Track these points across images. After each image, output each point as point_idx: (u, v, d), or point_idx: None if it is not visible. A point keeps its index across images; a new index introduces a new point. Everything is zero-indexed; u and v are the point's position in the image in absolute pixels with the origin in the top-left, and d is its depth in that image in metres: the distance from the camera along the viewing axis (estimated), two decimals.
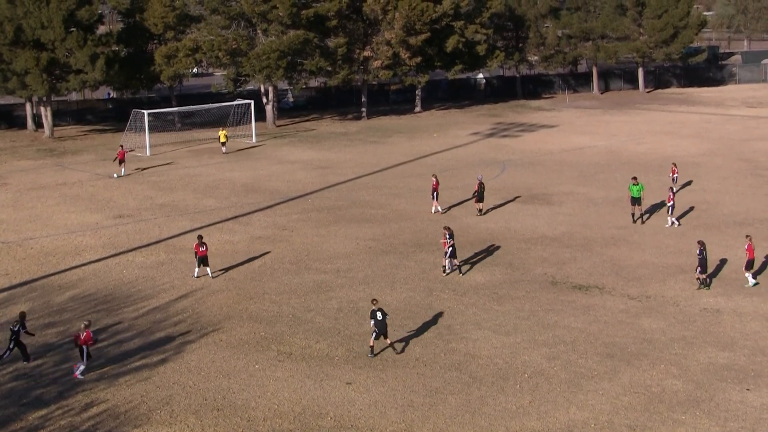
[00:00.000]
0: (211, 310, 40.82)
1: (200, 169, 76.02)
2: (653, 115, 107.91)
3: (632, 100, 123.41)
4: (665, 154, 77.75)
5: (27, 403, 31.58)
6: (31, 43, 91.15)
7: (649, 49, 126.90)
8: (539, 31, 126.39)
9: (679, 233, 52.31)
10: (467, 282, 44.28)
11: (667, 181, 62.74)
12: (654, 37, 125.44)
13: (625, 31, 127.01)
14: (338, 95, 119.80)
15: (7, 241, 53.16)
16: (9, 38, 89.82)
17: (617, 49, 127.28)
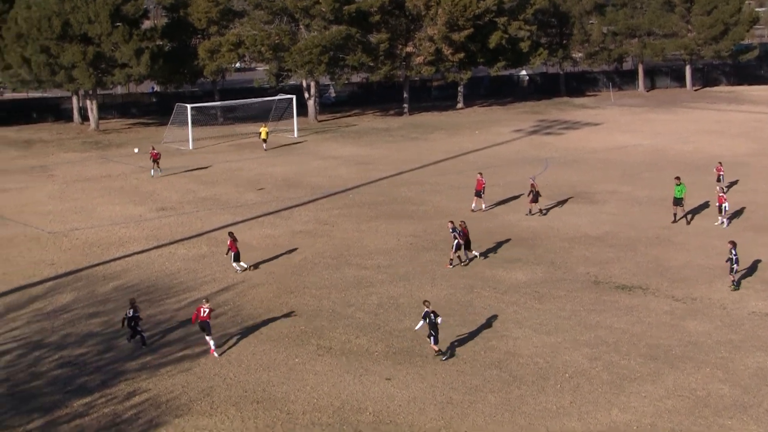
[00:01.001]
0: (251, 303, 41.02)
1: (242, 163, 76.36)
2: (700, 113, 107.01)
3: (679, 98, 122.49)
4: (712, 154, 76.91)
5: (71, 391, 31.88)
6: (78, 37, 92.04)
7: (698, 47, 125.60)
8: (584, 27, 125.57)
9: (725, 234, 51.52)
10: (508, 280, 44.19)
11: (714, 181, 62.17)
12: (703, 33, 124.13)
13: (673, 27, 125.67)
14: (380, 91, 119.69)
15: (54, 231, 53.65)
16: (57, 33, 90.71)
17: (664, 46, 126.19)
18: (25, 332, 37.61)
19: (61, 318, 39.31)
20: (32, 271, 46.13)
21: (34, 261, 47.82)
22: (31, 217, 57.11)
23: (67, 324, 38.54)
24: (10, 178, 70.72)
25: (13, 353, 35.41)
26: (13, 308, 40.57)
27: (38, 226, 54.96)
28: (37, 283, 44.24)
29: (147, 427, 29.06)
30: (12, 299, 41.86)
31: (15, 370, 33.76)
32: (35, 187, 66.87)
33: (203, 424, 29.33)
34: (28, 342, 36.54)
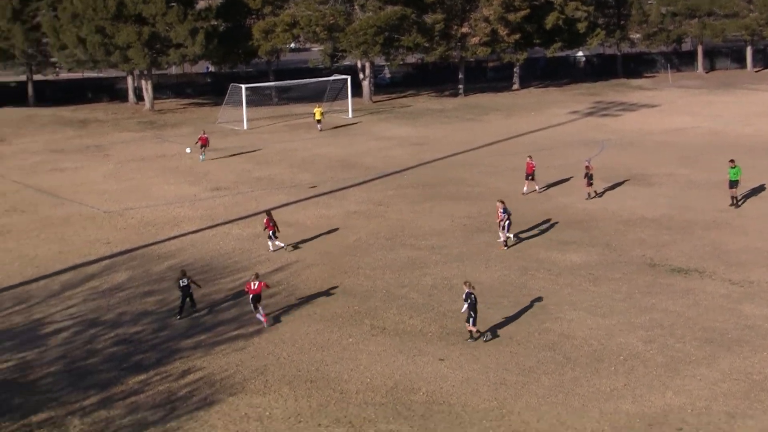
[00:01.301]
0: (305, 283, 41.05)
1: (297, 143, 76.49)
2: (761, 95, 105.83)
3: (739, 79, 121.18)
4: None
5: (127, 368, 32.10)
6: (132, 17, 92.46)
7: (760, 27, 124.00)
8: (642, 8, 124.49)
9: None
10: (563, 262, 43.93)
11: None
12: (765, 14, 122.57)
13: (734, 7, 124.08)
14: (435, 72, 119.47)
15: (109, 210, 54.02)
16: (111, 13, 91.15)
17: (725, 26, 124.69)
18: (82, 310, 37.93)
19: (117, 296, 39.60)
20: (88, 249, 46.49)
21: (90, 240, 48.18)
22: (87, 197, 57.54)
23: (123, 302, 38.81)
24: (66, 157, 71.29)
25: (70, 330, 35.72)
26: (69, 286, 40.91)
27: (94, 205, 55.37)
28: (93, 261, 44.58)
29: (201, 404, 29.17)
30: (68, 277, 42.20)
31: (72, 348, 34.05)
32: (91, 167, 67.36)
33: (257, 402, 29.41)
34: (84, 320, 36.85)
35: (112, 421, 28.14)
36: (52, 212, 53.74)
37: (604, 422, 28.12)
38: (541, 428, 27.74)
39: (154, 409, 28.90)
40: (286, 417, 28.42)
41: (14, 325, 36.31)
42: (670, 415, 28.59)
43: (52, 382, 31.07)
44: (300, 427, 27.81)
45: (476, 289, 34.88)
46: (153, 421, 28.06)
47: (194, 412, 28.61)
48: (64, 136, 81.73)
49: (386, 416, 28.50)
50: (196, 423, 27.92)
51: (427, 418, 28.33)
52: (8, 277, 42.32)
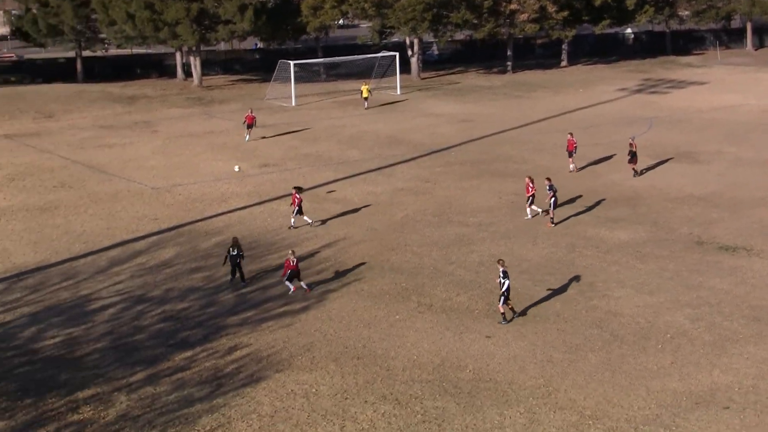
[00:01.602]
0: (353, 260, 41.07)
1: (345, 120, 76.49)
2: None
3: None
4: None
5: (174, 344, 32.27)
6: None
7: None
8: None
9: None
10: (610, 240, 43.70)
11: None
12: None
13: None
14: (483, 48, 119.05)
15: (157, 186, 54.28)
16: None
17: None
18: (129, 286, 38.16)
19: (164, 273, 39.81)
20: (135, 225, 46.76)
21: (138, 216, 48.44)
22: (135, 172, 57.85)
23: (170, 279, 39.02)
24: (116, 133, 71.67)
25: (117, 307, 35.95)
26: (116, 262, 41.16)
27: (141, 181, 55.65)
28: (140, 237, 44.84)
29: (248, 381, 29.29)
30: (115, 253, 42.46)
31: (119, 323, 34.27)
32: (139, 143, 67.69)
33: (304, 379, 29.48)
34: (131, 296, 37.08)
35: (159, 397, 28.33)
36: (100, 188, 54.07)
37: (651, 400, 28.01)
38: (587, 406, 27.66)
39: (200, 385, 29.05)
40: (333, 394, 28.49)
41: (61, 301, 36.58)
42: (716, 394, 28.44)
43: (98, 359, 31.30)
44: (346, 403, 27.87)
45: (513, 267, 34.81)
46: (199, 397, 28.20)
47: (240, 389, 28.74)
48: (112, 112, 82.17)
49: (433, 393, 28.50)
50: (243, 399, 28.04)
51: (474, 396, 28.31)
52: (56, 253, 42.63)
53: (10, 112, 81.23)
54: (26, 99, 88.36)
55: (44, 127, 74.60)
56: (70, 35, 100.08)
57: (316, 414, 27.19)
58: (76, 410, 27.49)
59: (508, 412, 27.28)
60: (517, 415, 27.15)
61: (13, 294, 37.38)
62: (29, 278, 39.23)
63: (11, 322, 34.46)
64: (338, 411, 27.38)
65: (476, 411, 27.37)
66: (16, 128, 74.25)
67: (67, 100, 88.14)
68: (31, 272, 39.98)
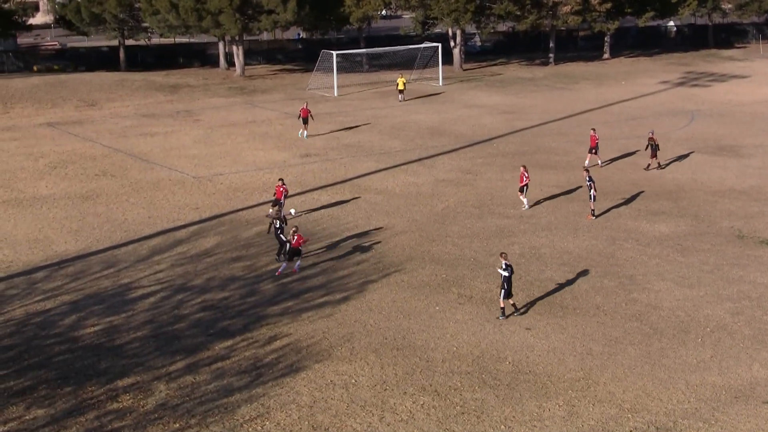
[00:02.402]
0: (393, 250, 41.04)
1: (386, 110, 76.43)
2: None
3: None
4: None
5: (214, 334, 32.35)
6: None
7: None
8: None
9: None
10: (651, 232, 43.45)
11: None
12: None
13: None
14: (526, 40, 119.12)
15: (198, 176, 54.44)
16: None
17: None
18: (170, 275, 38.29)
19: (205, 262, 39.90)
20: (177, 214, 46.92)
21: (179, 205, 48.61)
22: (177, 161, 58.05)
23: (210, 268, 39.10)
24: (158, 122, 72.00)
25: (158, 295, 36.08)
26: (157, 251, 41.31)
27: (183, 170, 55.84)
28: (182, 226, 44.98)
29: (287, 371, 29.33)
30: (157, 242, 42.62)
31: (159, 312, 34.40)
32: (181, 132, 67.94)
33: (343, 369, 29.50)
34: (172, 285, 37.19)
35: (198, 386, 28.41)
36: (142, 177, 54.31)
37: (690, 394, 27.87)
38: (626, 399, 27.54)
39: (240, 375, 29.12)
40: (372, 384, 28.49)
41: (102, 290, 36.74)
42: (756, 388, 28.27)
43: (138, 347, 31.43)
44: (385, 394, 27.87)
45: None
46: (239, 387, 28.27)
47: (280, 379, 28.78)
48: (155, 100, 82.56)
49: (472, 385, 28.46)
50: (282, 389, 28.08)
51: (513, 388, 28.24)
52: (97, 241, 42.84)
53: (53, 101, 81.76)
54: (69, 87, 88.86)
55: (87, 116, 75.05)
56: (113, 24, 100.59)
57: (355, 405, 27.20)
58: (116, 399, 27.62)
59: (547, 405, 27.20)
60: (556, 407, 27.05)
61: (54, 282, 37.58)
62: (70, 266, 39.43)
63: (52, 310, 34.65)
64: (377, 402, 27.38)
65: (515, 403, 27.30)
66: (59, 116, 74.73)
67: (109, 89, 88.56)
68: (72, 260, 40.17)
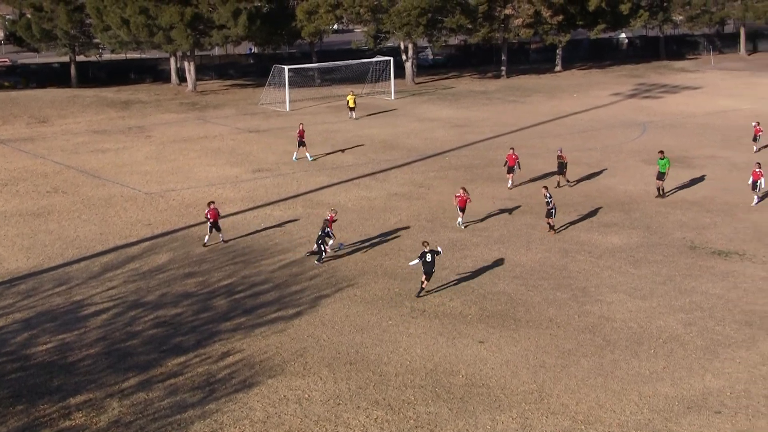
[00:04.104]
0: (346, 265, 41.06)
1: (339, 125, 76.46)
2: None
3: None
4: None
5: (167, 350, 32.22)
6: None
7: None
8: None
9: None
10: (603, 244, 43.76)
11: None
12: None
13: None
14: (478, 53, 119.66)
15: (150, 192, 54.23)
16: None
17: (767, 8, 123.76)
18: (122, 292, 38.10)
19: (157, 278, 39.74)
20: (129, 231, 46.69)
21: (131, 221, 48.39)
22: (129, 177, 57.80)
23: (163, 284, 38.96)
24: (110, 138, 71.63)
25: (110, 312, 35.88)
26: (110, 268, 41.10)
27: (135, 186, 55.62)
28: (134, 243, 44.77)
29: (241, 387, 29.27)
30: (109, 259, 42.39)
31: (112, 329, 34.20)
32: (133, 148, 67.65)
33: (296, 384, 29.47)
34: (124, 301, 37.01)
35: (151, 403, 28.28)
36: (94, 193, 54.02)
37: (643, 405, 28.06)
38: (580, 411, 27.69)
39: (193, 391, 29.02)
40: (325, 399, 28.49)
41: (54, 307, 36.50)
42: (709, 398, 28.50)
43: (91, 364, 31.24)
44: (339, 409, 27.87)
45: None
46: (192, 403, 28.18)
47: (233, 395, 28.72)
48: (106, 116, 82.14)
49: (425, 398, 28.52)
50: (235, 405, 28.03)
51: (466, 401, 28.33)
52: (49, 258, 42.56)
53: (4, 117, 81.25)
54: (20, 104, 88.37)
55: (38, 132, 74.59)
56: (64, 40, 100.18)
57: (309, 420, 27.19)
58: (69, 416, 27.44)
59: (501, 417, 27.30)
60: (510, 420, 27.16)
61: (5, 300, 37.29)
62: (22, 284, 39.15)
63: (3, 328, 34.37)
64: (331, 417, 27.38)
65: (468, 416, 27.39)
66: (10, 133, 74.24)
67: (61, 105, 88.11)
68: (24, 278, 39.89)
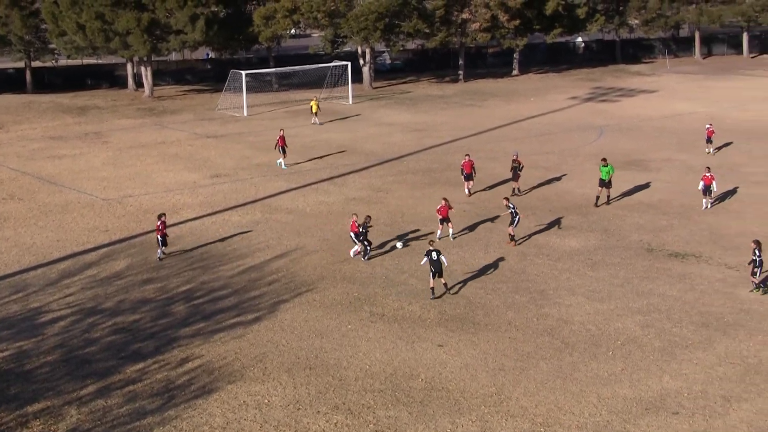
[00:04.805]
0: (305, 270, 41.04)
1: (297, 129, 76.36)
2: (758, 81, 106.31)
3: (736, 65, 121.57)
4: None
5: (125, 357, 32.07)
6: (132, 3, 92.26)
7: (756, 13, 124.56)
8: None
9: None
10: (561, 247, 43.99)
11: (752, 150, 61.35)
12: (761, 0, 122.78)
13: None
14: (435, 57, 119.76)
15: (108, 198, 53.97)
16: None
17: (721, 12, 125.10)
18: (80, 298, 37.89)
19: (115, 284, 39.56)
20: (86, 237, 46.44)
21: (88, 228, 48.14)
22: (86, 184, 57.49)
23: (121, 290, 38.78)
24: (66, 144, 71.20)
25: (68, 319, 35.68)
26: (67, 275, 40.87)
27: (92, 192, 55.32)
28: (91, 249, 44.53)
29: (200, 393, 29.20)
30: (66, 266, 42.15)
31: (69, 336, 34.02)
32: (90, 154, 67.26)
33: (256, 390, 29.44)
34: (82, 308, 36.81)
35: (110, 410, 28.14)
36: (51, 200, 53.69)
37: (602, 407, 28.24)
38: (539, 413, 27.82)
39: (152, 397, 28.91)
40: (285, 404, 28.47)
41: (11, 314, 36.24)
42: (666, 399, 28.74)
43: (49, 372, 31.04)
44: (299, 414, 27.86)
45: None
46: (151, 410, 28.07)
47: (192, 401, 28.64)
48: (63, 122, 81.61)
49: (385, 403, 28.57)
50: (195, 411, 27.95)
51: (426, 404, 28.39)
52: (5, 265, 42.26)
53: None
54: None
55: None
56: (19, 45, 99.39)
57: (269, 425, 27.16)
58: (26, 425, 27.26)
59: (460, 421, 27.38)
60: (469, 423, 27.25)
61: None
62: None
63: None
64: (290, 422, 27.37)
65: (428, 420, 27.45)
66: None
67: (16, 111, 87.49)
68: None
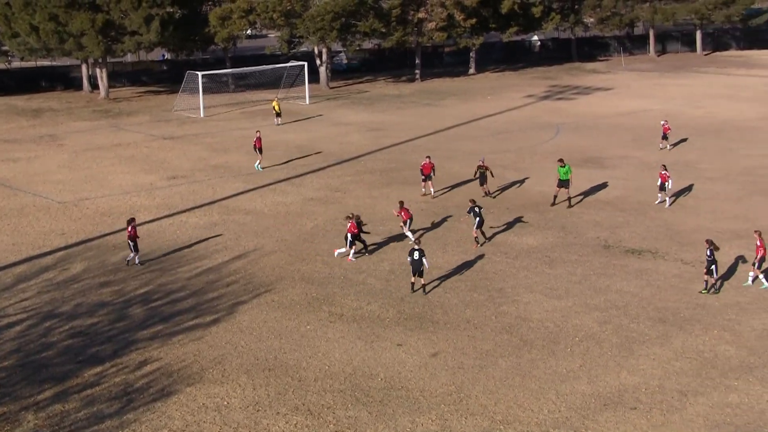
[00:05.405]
0: (263, 271, 40.98)
1: (254, 130, 75.96)
2: (711, 78, 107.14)
3: (690, 62, 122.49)
4: (723, 118, 77.60)
5: (83, 361, 31.87)
6: (86, 4, 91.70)
7: (708, 11, 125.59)
8: None
9: (735, 198, 52.00)
10: (519, 245, 44.15)
11: (733, 146, 61.81)
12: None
13: None
14: (392, 57, 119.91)
15: (64, 201, 53.63)
16: (65, 0, 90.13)
17: (675, 10, 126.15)
18: (36, 303, 37.62)
19: (72, 288, 39.31)
20: (42, 241, 46.12)
21: (44, 231, 47.80)
22: (41, 187, 57.09)
23: (78, 294, 38.54)
24: (21, 147, 70.66)
25: (24, 324, 35.42)
26: (23, 279, 40.56)
27: (48, 195, 54.96)
28: (48, 253, 44.23)
29: (159, 396, 29.09)
30: (22, 270, 41.82)
31: (26, 341, 33.77)
32: (45, 157, 66.80)
33: (215, 392, 29.36)
34: (39, 312, 36.54)
35: (68, 414, 27.97)
36: (6, 203, 53.26)
37: (561, 403, 28.39)
38: (498, 411, 27.92)
39: (110, 401, 28.76)
40: (245, 406, 28.42)
41: None
42: (624, 395, 28.94)
43: (5, 377, 30.80)
44: (258, 415, 27.82)
45: None
46: (109, 413, 27.92)
47: (151, 404, 28.52)
48: (17, 125, 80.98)
49: (345, 403, 28.58)
50: (154, 414, 27.84)
51: (386, 404, 28.43)
52: None
53: None
54: None
55: None
56: None
57: (228, 427, 27.10)
58: None
59: (420, 419, 27.43)
60: (429, 422, 27.31)
61: None
62: None
63: None
64: (250, 423, 27.32)
65: (388, 419, 27.49)
66: None
67: None
68: None
